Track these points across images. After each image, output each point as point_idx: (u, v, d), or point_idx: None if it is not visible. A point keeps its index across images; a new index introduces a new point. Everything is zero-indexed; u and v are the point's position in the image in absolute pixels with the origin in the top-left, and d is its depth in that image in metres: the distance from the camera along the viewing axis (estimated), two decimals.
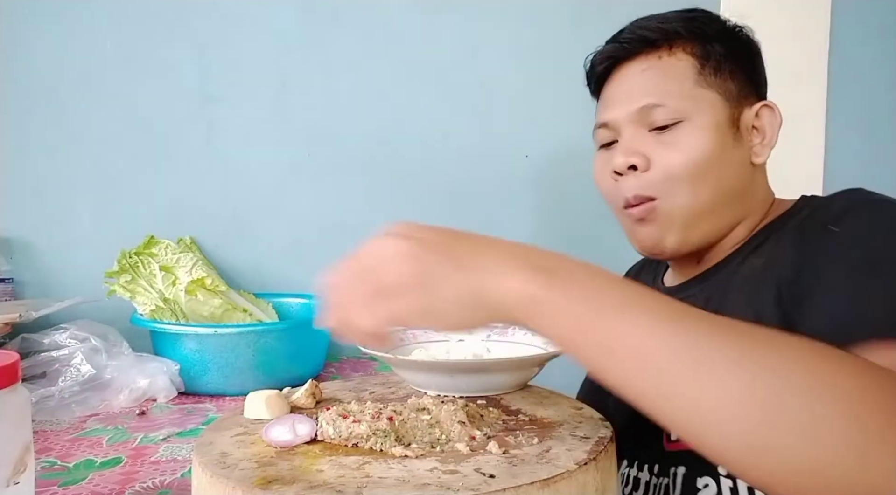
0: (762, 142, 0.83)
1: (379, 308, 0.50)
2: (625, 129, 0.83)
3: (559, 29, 1.41)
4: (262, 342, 1.07)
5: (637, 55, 0.84)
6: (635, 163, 0.81)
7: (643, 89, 0.82)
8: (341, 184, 1.40)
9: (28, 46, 1.30)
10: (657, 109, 0.80)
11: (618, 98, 0.85)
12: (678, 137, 0.80)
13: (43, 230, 1.32)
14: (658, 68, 0.82)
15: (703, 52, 0.82)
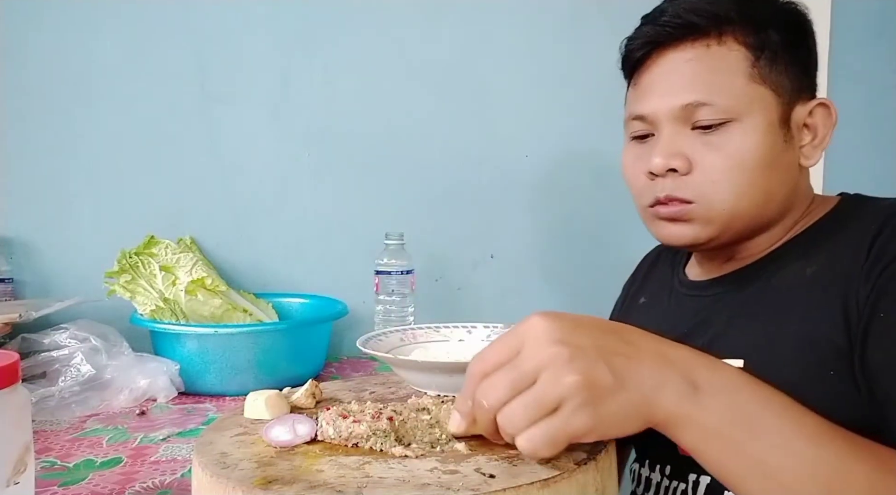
0: (813, 142, 0.76)
1: (545, 430, 0.48)
2: (664, 126, 0.75)
3: (559, 29, 1.41)
4: (262, 342, 1.07)
5: (681, 42, 0.75)
6: (676, 167, 0.74)
7: (688, 83, 0.73)
8: (341, 184, 1.40)
9: (28, 46, 1.30)
10: (703, 108, 0.72)
11: (658, 89, 0.76)
12: (725, 139, 0.72)
13: (43, 230, 1.32)
14: (706, 60, 0.73)
15: (757, 41, 0.73)
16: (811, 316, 0.68)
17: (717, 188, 0.73)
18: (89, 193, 1.34)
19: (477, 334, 0.86)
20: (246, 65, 1.36)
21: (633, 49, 0.80)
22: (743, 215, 0.74)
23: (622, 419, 0.49)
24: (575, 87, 1.42)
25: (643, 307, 0.93)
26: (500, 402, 0.49)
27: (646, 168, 0.76)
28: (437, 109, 1.41)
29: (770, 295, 0.74)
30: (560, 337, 0.49)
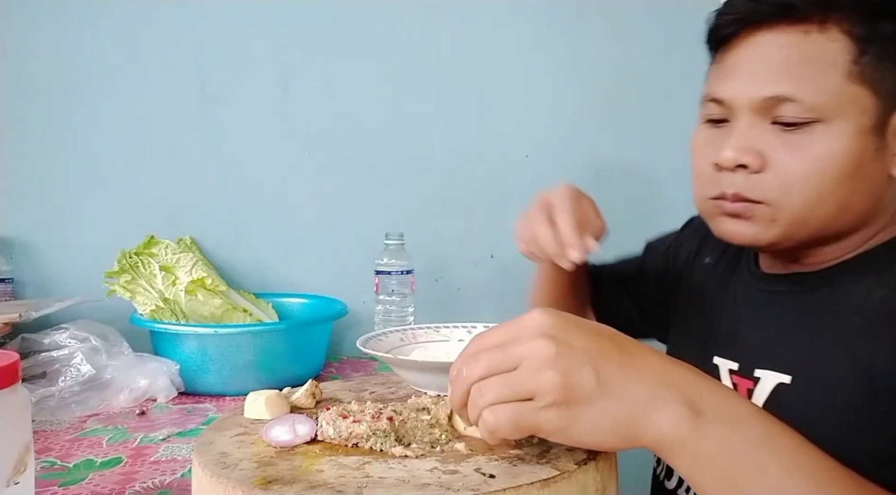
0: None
1: (511, 410, 0.48)
2: (742, 116, 0.68)
3: (559, 29, 1.41)
4: (262, 342, 1.07)
5: (777, 23, 0.66)
6: (747, 164, 0.67)
7: (776, 73, 0.65)
8: (341, 184, 1.40)
9: (28, 46, 1.30)
10: (788, 104, 0.64)
11: (741, 74, 0.68)
12: (809, 142, 0.65)
13: (43, 230, 1.32)
14: (801, 48, 0.65)
15: (865, 32, 0.63)
16: (873, 344, 0.63)
17: (788, 193, 0.66)
18: (89, 193, 1.33)
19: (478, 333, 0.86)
20: (246, 65, 1.36)
21: (722, 24, 0.71)
22: (811, 225, 0.67)
23: (597, 429, 0.47)
24: (575, 87, 1.42)
25: (708, 269, 0.87)
26: (476, 376, 0.49)
27: (714, 157, 0.69)
28: (437, 109, 1.41)
29: (832, 309, 0.68)
30: (553, 332, 0.48)
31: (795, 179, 0.65)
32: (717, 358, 0.78)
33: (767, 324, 0.74)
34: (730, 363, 0.76)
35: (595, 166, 1.43)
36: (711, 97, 0.71)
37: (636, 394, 0.48)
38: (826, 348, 0.66)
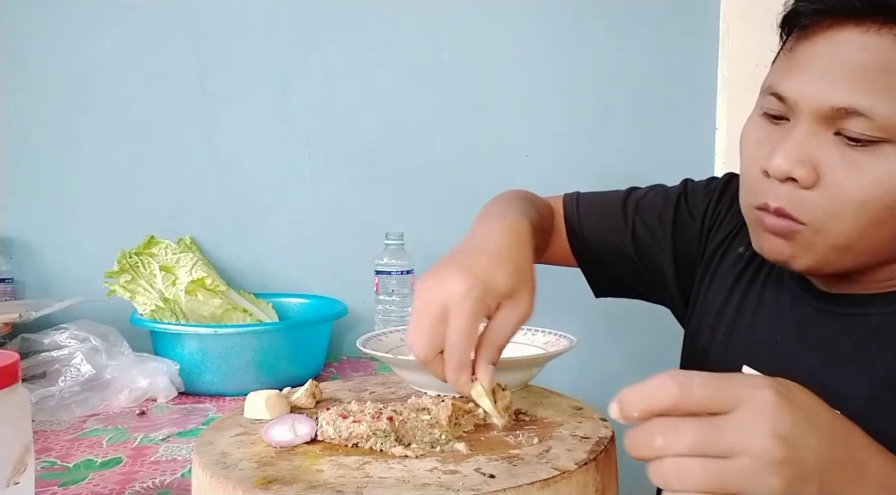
0: None
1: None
2: (803, 121, 0.61)
3: (559, 29, 1.41)
4: (262, 342, 1.07)
5: (865, 20, 0.58)
6: (798, 177, 0.60)
7: (851, 80, 0.58)
8: (341, 184, 1.40)
9: (28, 47, 1.30)
10: (857, 119, 0.58)
11: (813, 71, 0.60)
12: (870, 162, 0.58)
13: (43, 230, 1.32)
14: (886, 54, 0.57)
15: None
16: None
17: (836, 218, 0.60)
18: (89, 193, 1.33)
19: None
20: (246, 65, 1.36)
21: (802, 12, 0.62)
22: (855, 254, 0.62)
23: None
24: (575, 87, 1.42)
25: (742, 262, 0.81)
26: (676, 450, 0.41)
27: (764, 162, 0.63)
28: (437, 109, 1.41)
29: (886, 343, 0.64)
30: (784, 433, 0.40)
31: (846, 203, 0.59)
32: (747, 368, 0.73)
33: (811, 345, 0.69)
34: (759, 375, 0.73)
35: (595, 166, 1.43)
36: (773, 91, 0.63)
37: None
38: (878, 386, 0.62)
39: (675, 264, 0.87)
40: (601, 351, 1.39)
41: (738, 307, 0.79)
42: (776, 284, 0.76)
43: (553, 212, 0.94)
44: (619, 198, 0.92)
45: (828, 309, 0.70)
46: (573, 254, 0.93)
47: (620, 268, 0.90)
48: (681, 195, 0.89)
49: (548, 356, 0.73)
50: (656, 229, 0.88)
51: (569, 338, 0.79)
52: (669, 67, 1.39)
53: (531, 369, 0.73)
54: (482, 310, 0.60)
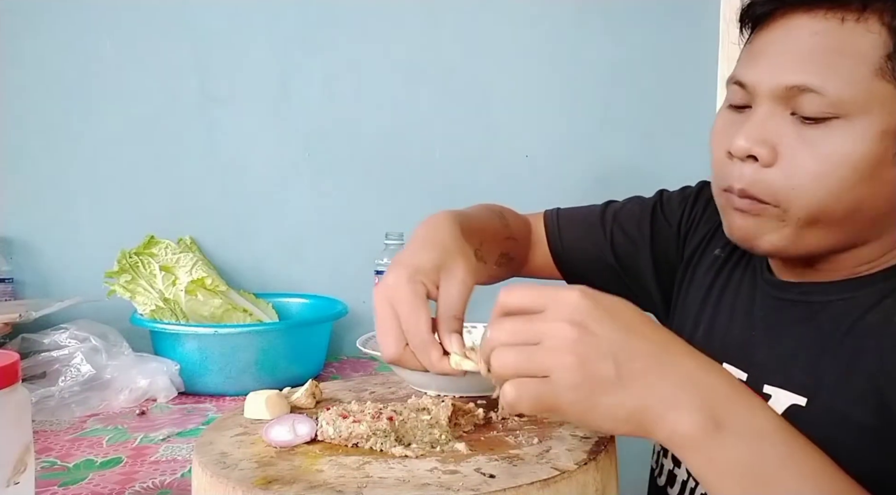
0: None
1: (533, 388, 0.49)
2: (762, 103, 0.64)
3: (559, 29, 1.41)
4: (262, 342, 1.07)
5: (814, 7, 0.62)
6: (757, 155, 0.63)
7: (803, 61, 0.62)
8: (341, 184, 1.40)
9: (28, 46, 1.31)
10: (810, 96, 0.61)
11: (768, 58, 0.65)
12: (827, 138, 0.61)
13: (43, 230, 1.32)
14: (834, 36, 0.61)
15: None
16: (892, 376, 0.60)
17: (799, 193, 0.63)
18: (89, 193, 1.33)
19: (477, 334, 0.86)
20: (246, 65, 1.36)
21: (757, 2, 0.67)
22: (821, 232, 0.64)
23: (612, 418, 0.48)
24: (575, 87, 1.42)
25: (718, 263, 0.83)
26: (498, 342, 0.51)
27: (728, 143, 0.66)
28: (437, 109, 1.41)
29: (848, 328, 0.65)
30: (581, 318, 0.48)
31: (804, 178, 0.62)
32: (727, 366, 0.74)
33: (779, 337, 0.71)
34: (739, 372, 0.73)
35: (595, 166, 1.43)
36: (735, 80, 0.67)
37: (655, 393, 0.48)
38: (842, 372, 0.64)
39: (654, 269, 0.89)
40: None
41: (716, 306, 0.80)
42: (751, 282, 0.78)
43: (528, 224, 0.97)
44: (597, 210, 0.95)
45: (792, 298, 0.72)
46: (557, 269, 0.96)
47: (603, 279, 0.93)
48: (656, 203, 0.92)
49: None
50: (635, 236, 0.90)
51: None
52: (669, 67, 1.39)
53: None
54: (419, 289, 0.63)
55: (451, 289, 0.64)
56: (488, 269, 0.88)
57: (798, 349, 0.69)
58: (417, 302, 0.62)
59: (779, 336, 0.71)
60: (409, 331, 0.62)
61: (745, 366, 0.73)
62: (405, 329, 0.62)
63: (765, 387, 0.69)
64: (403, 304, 0.62)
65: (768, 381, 0.70)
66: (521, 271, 0.96)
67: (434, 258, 0.65)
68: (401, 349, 0.62)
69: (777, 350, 0.71)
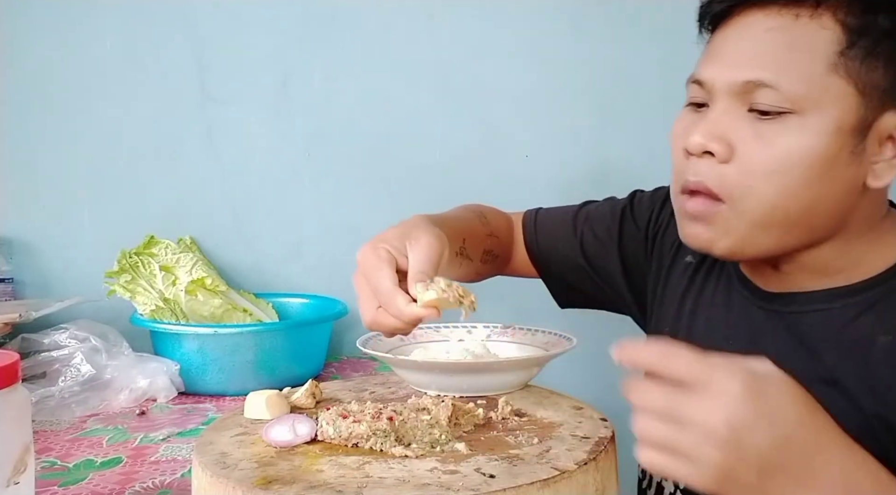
0: (892, 160, 0.63)
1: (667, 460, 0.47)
2: (718, 100, 0.65)
3: (559, 29, 1.41)
4: (262, 342, 1.07)
5: (769, 4, 0.63)
6: (713, 151, 0.63)
7: (757, 56, 0.62)
8: (341, 184, 1.40)
9: (28, 46, 1.30)
10: (765, 91, 0.61)
11: (724, 55, 0.65)
12: (780, 133, 0.61)
13: (43, 230, 1.32)
14: (788, 32, 0.62)
15: (859, 23, 0.60)
16: (885, 398, 0.61)
17: (753, 192, 0.63)
18: (89, 193, 1.33)
19: (477, 334, 0.86)
20: (246, 65, 1.36)
21: (713, 1, 0.68)
22: (775, 232, 0.64)
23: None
24: (575, 87, 1.42)
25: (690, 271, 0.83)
26: (643, 405, 0.48)
27: (684, 141, 0.67)
28: (437, 109, 1.41)
29: (829, 345, 0.65)
30: (737, 421, 0.46)
31: (758, 174, 0.62)
32: None
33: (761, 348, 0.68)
34: None
35: (595, 166, 1.43)
36: (694, 79, 0.68)
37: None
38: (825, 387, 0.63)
39: (623, 271, 0.90)
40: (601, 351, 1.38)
41: (692, 316, 0.80)
42: (726, 289, 0.77)
43: (510, 222, 0.98)
44: (572, 211, 0.96)
45: (772, 308, 0.71)
46: (533, 267, 0.97)
47: (576, 279, 0.94)
48: (626, 206, 0.92)
49: (548, 356, 0.74)
50: (604, 238, 0.91)
51: (569, 338, 0.79)
52: (669, 67, 1.39)
53: (531, 369, 0.73)
54: (382, 253, 0.66)
55: (417, 253, 0.66)
56: (474, 266, 0.89)
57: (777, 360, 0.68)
58: (380, 263, 0.66)
59: (758, 346, 0.69)
60: (375, 288, 0.65)
61: None
62: (371, 288, 0.65)
63: None
64: (367, 267, 0.66)
65: None
66: (506, 269, 0.97)
67: (398, 232, 0.69)
68: (374, 310, 0.65)
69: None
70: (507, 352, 0.81)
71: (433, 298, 0.62)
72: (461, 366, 0.72)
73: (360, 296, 0.67)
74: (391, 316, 0.64)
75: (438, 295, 0.62)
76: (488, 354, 0.80)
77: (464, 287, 0.65)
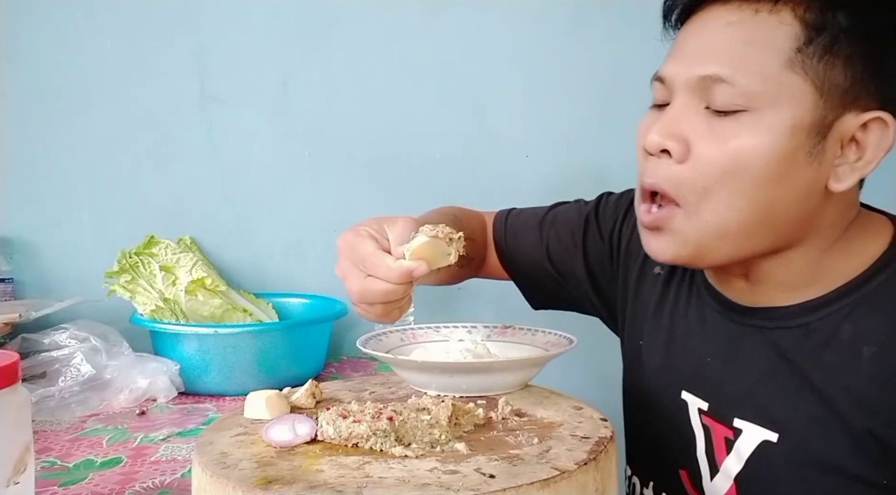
0: (855, 163, 0.61)
1: None
2: (678, 96, 0.64)
3: (559, 29, 1.41)
4: (262, 342, 1.07)
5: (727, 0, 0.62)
6: (669, 149, 0.62)
7: (715, 51, 0.61)
8: (341, 184, 1.40)
9: (28, 46, 1.30)
10: (721, 86, 0.60)
11: (685, 51, 0.65)
12: (735, 131, 0.60)
13: (43, 230, 1.32)
14: (747, 28, 0.60)
15: (817, 20, 0.59)
16: (874, 411, 0.60)
17: (708, 194, 0.61)
18: (89, 193, 1.33)
19: (477, 334, 0.86)
20: (246, 65, 1.36)
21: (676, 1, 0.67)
22: (732, 236, 0.62)
23: None
24: (575, 88, 1.42)
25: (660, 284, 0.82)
26: None
27: (643, 140, 0.65)
28: (437, 109, 1.41)
29: (813, 358, 0.64)
30: None
31: (712, 174, 0.60)
32: (686, 393, 0.74)
33: (743, 366, 0.70)
34: (699, 401, 0.73)
35: (595, 166, 1.43)
36: (656, 76, 0.67)
37: None
38: (813, 405, 0.63)
39: (589, 277, 0.90)
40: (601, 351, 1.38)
41: (669, 332, 0.79)
42: (698, 302, 0.76)
43: (484, 224, 0.97)
44: (540, 214, 0.95)
45: (750, 323, 0.70)
46: (504, 270, 0.97)
47: (545, 282, 0.94)
48: (591, 212, 0.91)
49: (548, 356, 0.73)
50: (569, 244, 0.91)
51: (569, 338, 0.79)
52: None
53: (531, 369, 0.73)
54: (361, 231, 0.68)
55: (396, 230, 0.68)
56: (451, 270, 0.88)
57: (762, 379, 0.67)
58: (360, 237, 0.67)
59: (739, 364, 0.70)
60: (360, 258, 0.66)
61: (706, 395, 0.72)
62: (357, 259, 0.67)
63: (735, 421, 0.69)
64: (349, 244, 0.68)
65: (738, 415, 0.68)
66: (480, 272, 0.97)
67: (374, 219, 0.70)
68: (361, 280, 0.66)
69: (739, 380, 0.69)
70: (507, 352, 0.81)
71: (423, 243, 0.63)
72: (461, 366, 0.72)
73: (346, 276, 0.68)
74: (380, 279, 0.65)
75: (427, 235, 0.63)
76: (488, 354, 0.80)
77: (449, 227, 0.66)
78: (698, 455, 0.73)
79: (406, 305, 0.71)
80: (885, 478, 0.60)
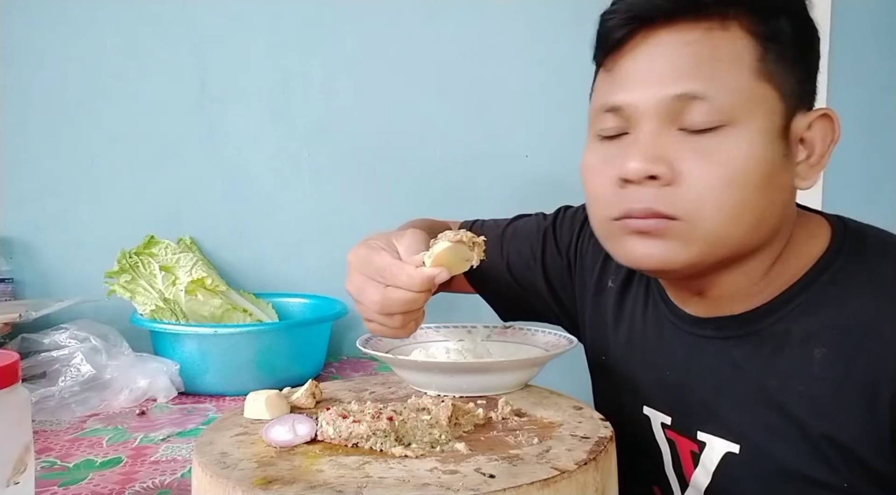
0: (809, 161, 0.63)
1: None
2: (645, 123, 0.62)
3: (559, 29, 1.41)
4: (262, 342, 1.07)
5: (678, 21, 0.61)
6: (657, 174, 0.61)
7: (683, 69, 0.60)
8: (341, 184, 1.40)
9: (29, 46, 1.30)
10: (697, 104, 0.59)
11: (643, 76, 0.62)
12: (721, 146, 0.60)
13: (43, 230, 1.32)
14: (707, 45, 0.60)
15: (766, 30, 0.60)
16: (829, 414, 0.61)
17: (707, 207, 0.60)
18: (89, 193, 1.33)
19: (477, 334, 0.86)
20: (246, 65, 1.36)
21: (614, 26, 0.64)
22: (732, 241, 0.62)
23: None
24: (575, 87, 1.42)
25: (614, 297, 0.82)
26: None
27: (617, 173, 0.63)
28: (436, 109, 1.41)
29: (768, 367, 0.64)
30: None
31: (710, 190, 0.60)
32: (647, 408, 0.75)
33: (701, 378, 0.70)
34: (662, 416, 0.73)
35: None
36: (608, 107, 0.65)
37: None
38: (770, 414, 0.64)
39: (550, 290, 0.91)
40: None
41: (628, 347, 0.79)
42: (655, 315, 0.77)
43: None
44: (501, 227, 0.95)
45: (703, 334, 0.70)
46: (469, 283, 0.96)
47: (510, 295, 0.94)
48: (549, 226, 0.92)
49: (548, 356, 0.73)
50: (528, 258, 0.92)
51: (569, 338, 0.79)
52: None
53: (531, 369, 0.73)
54: (373, 244, 0.68)
55: (405, 240, 0.67)
56: None
57: (720, 391, 0.68)
58: (374, 250, 0.66)
59: (697, 376, 0.70)
60: (378, 268, 0.65)
61: (668, 410, 0.73)
62: (374, 271, 0.66)
63: (698, 434, 0.69)
64: (364, 256, 0.67)
65: (701, 428, 0.69)
66: (449, 287, 0.91)
67: (380, 234, 0.71)
68: (381, 291, 0.65)
69: (699, 392, 0.70)
70: (507, 353, 0.81)
71: (445, 248, 0.62)
72: (461, 366, 0.72)
73: (362, 289, 0.67)
74: (401, 286, 0.64)
75: (451, 240, 0.62)
76: (488, 354, 0.80)
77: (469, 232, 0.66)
78: (667, 470, 0.74)
79: (421, 318, 0.70)
80: (846, 482, 0.60)
